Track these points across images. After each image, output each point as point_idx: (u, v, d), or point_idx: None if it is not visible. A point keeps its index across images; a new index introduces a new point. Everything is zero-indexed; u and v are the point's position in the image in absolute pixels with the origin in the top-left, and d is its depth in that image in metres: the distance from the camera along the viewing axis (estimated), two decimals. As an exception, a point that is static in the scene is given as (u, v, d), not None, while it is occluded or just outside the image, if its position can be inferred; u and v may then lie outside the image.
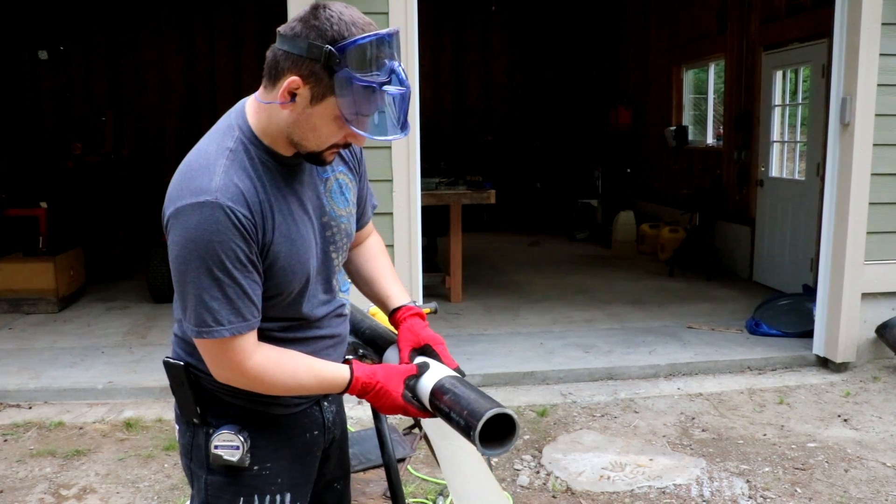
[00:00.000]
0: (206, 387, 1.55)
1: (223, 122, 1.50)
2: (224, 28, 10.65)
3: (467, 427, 1.40)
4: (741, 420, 4.19)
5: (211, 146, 1.43)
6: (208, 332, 1.39)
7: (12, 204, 6.99)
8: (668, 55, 9.46)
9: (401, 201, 4.46)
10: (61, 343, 5.39)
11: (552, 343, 5.34)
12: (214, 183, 1.36)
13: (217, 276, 1.36)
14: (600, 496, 3.35)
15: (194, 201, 1.35)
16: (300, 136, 1.42)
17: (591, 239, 10.12)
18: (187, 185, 1.37)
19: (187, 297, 1.39)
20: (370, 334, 1.79)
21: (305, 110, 1.38)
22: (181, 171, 1.42)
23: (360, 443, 2.82)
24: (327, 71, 1.33)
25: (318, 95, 1.36)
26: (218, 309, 1.37)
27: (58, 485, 3.45)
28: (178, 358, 1.58)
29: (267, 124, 1.44)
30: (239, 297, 1.38)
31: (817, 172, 6.23)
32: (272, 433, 1.59)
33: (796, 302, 5.72)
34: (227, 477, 1.57)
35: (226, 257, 1.35)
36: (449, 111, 11.51)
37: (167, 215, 1.40)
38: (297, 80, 1.35)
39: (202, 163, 1.40)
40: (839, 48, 4.75)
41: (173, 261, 1.38)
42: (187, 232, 1.35)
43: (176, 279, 1.40)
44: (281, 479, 1.61)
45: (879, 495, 3.35)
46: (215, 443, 1.53)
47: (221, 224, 1.34)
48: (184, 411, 1.60)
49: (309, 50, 1.33)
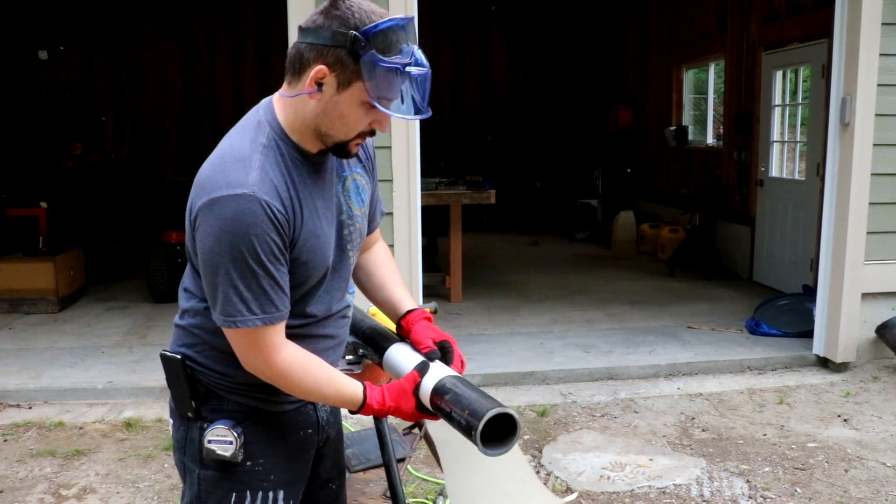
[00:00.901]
0: (202, 381, 1.57)
1: (251, 117, 1.51)
2: (224, 28, 10.65)
3: (468, 427, 1.40)
4: (741, 420, 4.19)
5: (244, 141, 1.45)
6: (242, 321, 1.41)
7: (12, 204, 6.99)
8: (668, 55, 9.46)
9: (401, 201, 4.46)
10: (61, 343, 5.39)
11: (552, 343, 5.34)
12: (251, 177, 1.38)
13: (252, 266, 1.38)
14: (600, 496, 3.35)
15: (231, 193, 1.36)
16: (328, 125, 1.45)
17: (591, 239, 10.12)
18: (223, 178, 1.39)
19: (219, 286, 1.40)
20: (370, 334, 1.79)
21: (332, 98, 1.41)
22: (214, 163, 1.43)
23: (360, 443, 2.82)
24: (352, 56, 1.37)
25: (345, 82, 1.39)
26: (251, 299, 1.40)
27: (58, 485, 3.45)
28: (175, 351, 1.59)
29: (294, 118, 1.46)
30: (272, 287, 1.41)
31: (817, 172, 6.23)
32: (266, 430, 1.60)
33: (796, 302, 5.72)
34: (220, 472, 1.58)
35: (261, 249, 1.38)
36: (449, 111, 11.51)
37: (198, 205, 1.40)
38: (323, 68, 1.38)
39: (237, 156, 1.42)
40: (839, 48, 4.75)
41: (206, 250, 1.39)
42: (223, 223, 1.36)
43: (207, 268, 1.41)
44: (274, 475, 1.61)
45: (879, 495, 3.35)
46: (209, 437, 1.54)
47: (258, 217, 1.37)
48: (179, 405, 1.61)
49: (333, 38, 1.37)
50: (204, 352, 1.56)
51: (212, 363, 1.56)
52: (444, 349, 1.65)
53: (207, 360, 1.56)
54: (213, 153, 1.48)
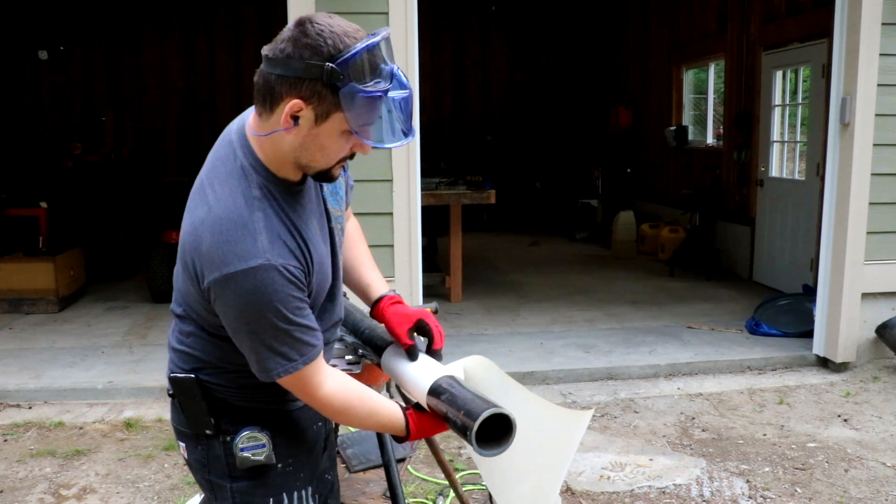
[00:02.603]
0: (218, 396, 1.55)
1: (231, 160, 1.43)
2: (224, 28, 10.65)
3: (464, 427, 1.40)
4: (741, 420, 4.19)
5: (237, 199, 1.38)
6: (283, 371, 1.42)
7: (12, 204, 6.99)
8: (668, 55, 9.46)
9: (401, 201, 4.46)
10: (61, 343, 5.39)
11: (552, 343, 5.34)
12: (260, 244, 1.34)
13: (282, 328, 1.38)
14: (600, 496, 3.35)
15: (246, 267, 1.33)
16: (308, 158, 1.39)
17: (591, 239, 10.12)
18: (231, 249, 1.34)
19: (255, 351, 1.40)
20: (370, 334, 1.79)
21: (311, 131, 1.35)
22: (214, 230, 1.36)
23: (360, 443, 2.83)
24: (330, 88, 1.30)
25: (323, 114, 1.33)
26: (288, 352, 1.40)
27: (58, 485, 3.45)
28: (185, 371, 1.56)
29: (273, 154, 1.41)
30: (304, 333, 1.41)
31: (817, 172, 6.23)
32: (288, 429, 1.60)
33: (796, 302, 5.72)
34: (254, 479, 1.57)
35: (287, 310, 1.37)
36: (449, 111, 11.51)
37: (211, 279, 1.36)
38: (298, 102, 1.31)
39: (237, 221, 1.35)
40: (839, 48, 4.75)
41: (231, 322, 1.39)
42: (244, 297, 1.34)
43: (238, 339, 1.41)
44: (303, 473, 1.63)
45: (879, 495, 3.35)
46: (241, 445, 1.53)
47: (278, 284, 1.35)
48: (194, 425, 1.58)
49: (307, 70, 1.29)
50: (216, 373, 1.55)
51: (225, 381, 1.55)
52: (423, 329, 1.66)
53: (220, 379, 1.55)
54: (202, 212, 1.39)
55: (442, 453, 2.49)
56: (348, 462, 2.72)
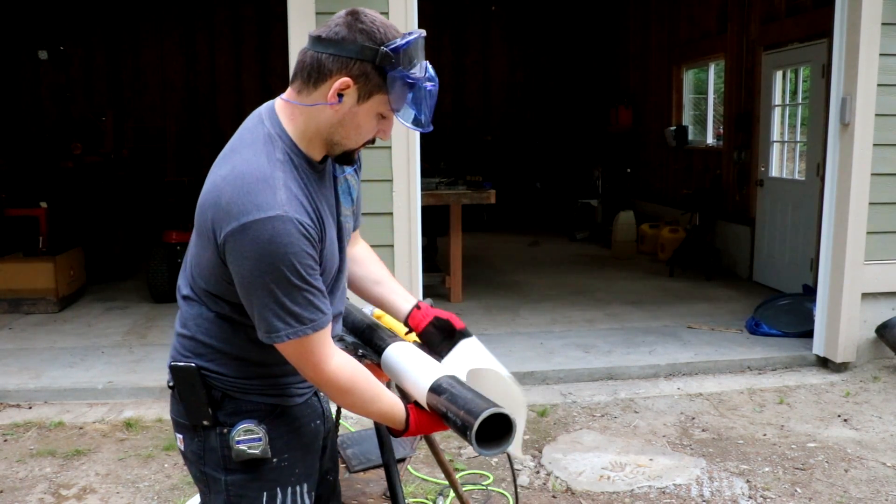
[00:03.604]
0: (217, 386, 1.57)
1: (258, 129, 1.50)
2: (224, 28, 10.65)
3: (464, 426, 1.41)
4: (741, 420, 4.19)
5: (260, 157, 1.44)
6: (292, 333, 1.43)
7: (12, 204, 6.99)
8: (668, 55, 9.46)
9: (401, 201, 4.46)
10: (61, 343, 5.38)
11: (552, 343, 5.34)
12: (279, 197, 1.40)
13: (295, 283, 1.40)
14: (600, 496, 3.35)
15: (264, 216, 1.37)
16: (343, 134, 1.49)
17: (591, 239, 10.12)
18: (250, 200, 1.38)
19: (266, 307, 1.42)
20: (369, 334, 1.79)
21: (352, 109, 1.45)
22: (235, 184, 1.41)
23: (360, 443, 2.83)
24: (378, 70, 1.42)
25: (366, 94, 1.44)
26: (300, 312, 1.42)
27: (58, 485, 3.45)
28: (187, 360, 1.58)
29: (305, 128, 1.49)
30: (315, 297, 1.44)
31: (817, 172, 6.23)
32: (285, 424, 1.61)
33: (796, 302, 5.72)
34: (249, 473, 1.58)
35: (301, 266, 1.40)
36: (449, 111, 11.50)
37: (227, 230, 1.39)
38: (347, 80, 1.42)
39: (258, 175, 1.41)
40: (839, 48, 4.75)
41: (245, 274, 1.40)
42: (260, 246, 1.37)
43: (250, 292, 1.42)
44: (298, 469, 1.64)
45: (879, 495, 3.35)
46: (237, 438, 1.55)
47: (294, 236, 1.39)
48: (192, 415, 1.59)
49: (361, 52, 1.41)
50: (217, 359, 1.56)
51: (226, 370, 1.57)
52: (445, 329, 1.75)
53: (221, 367, 1.56)
54: (225, 170, 1.46)
55: (442, 453, 2.50)
56: (348, 462, 2.72)
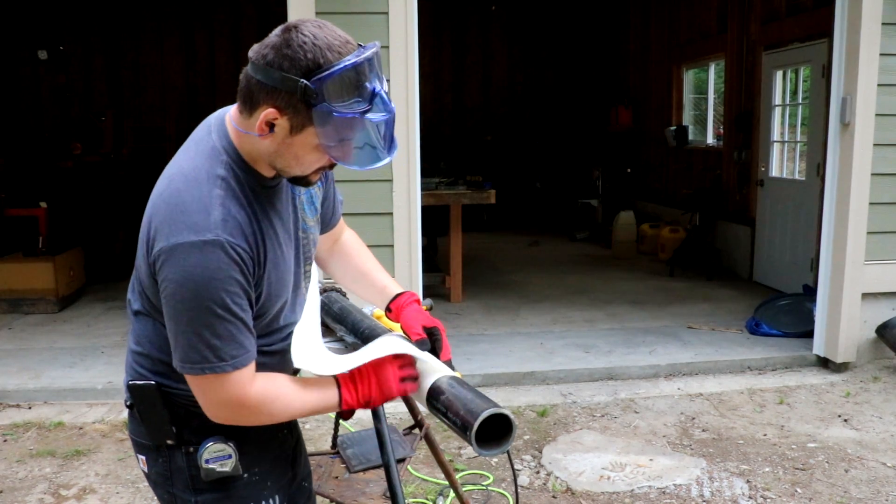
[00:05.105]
0: (180, 403, 1.49)
1: (204, 141, 1.41)
2: (224, 28, 10.65)
3: (464, 427, 1.40)
4: (741, 420, 4.19)
5: (200, 173, 1.35)
6: (210, 368, 1.33)
7: (12, 204, 6.99)
8: (669, 55, 9.45)
9: (401, 201, 4.46)
10: (61, 343, 5.38)
11: (552, 343, 5.34)
12: (213, 218, 1.30)
13: (218, 313, 1.31)
14: (600, 496, 3.35)
15: (194, 239, 1.28)
16: (283, 164, 1.37)
17: (591, 239, 10.12)
18: (182, 220, 1.30)
19: (184, 335, 1.33)
20: (369, 334, 1.78)
21: (285, 140, 1.32)
22: (170, 202, 1.33)
23: (360, 443, 2.82)
24: (305, 103, 1.27)
25: (298, 126, 1.30)
26: (220, 346, 1.32)
27: (57, 485, 3.45)
28: (145, 378, 1.50)
29: (250, 149, 1.38)
30: (239, 330, 1.34)
31: (818, 172, 6.22)
32: (253, 437, 1.54)
33: (796, 302, 5.72)
34: (219, 492, 1.51)
35: (226, 295, 1.31)
36: (449, 111, 11.50)
37: (158, 248, 1.32)
38: (273, 111, 1.29)
39: (195, 194, 1.32)
40: (839, 48, 4.75)
41: (168, 297, 1.32)
42: (185, 271, 1.29)
43: (171, 316, 1.33)
44: (270, 482, 1.58)
45: (880, 495, 3.35)
46: (205, 457, 1.47)
47: (223, 262, 1.30)
48: (155, 435, 1.51)
49: (283, 82, 1.26)
50: (176, 375, 1.45)
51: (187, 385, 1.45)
52: (433, 336, 1.60)
53: (181, 382, 1.45)
54: (162, 186, 1.38)
55: (442, 453, 2.49)
56: (348, 462, 2.72)
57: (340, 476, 2.65)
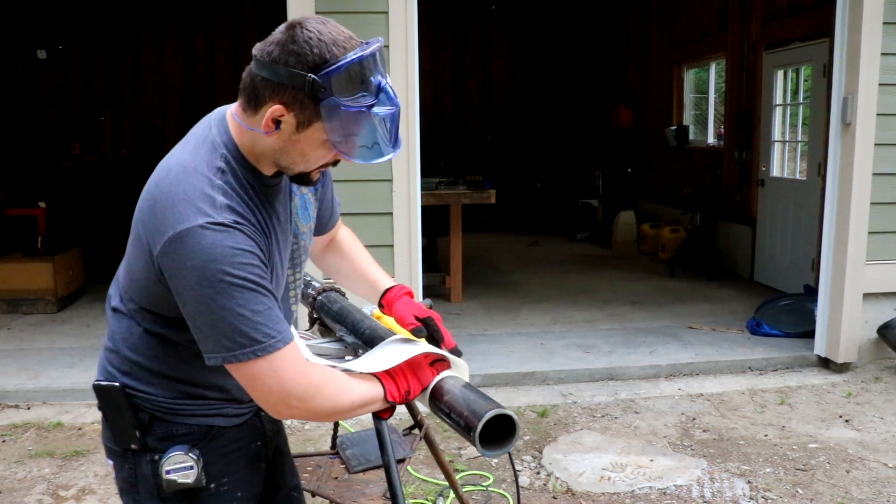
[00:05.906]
0: (145, 407, 1.45)
1: (204, 136, 1.39)
2: (223, 28, 10.64)
3: (467, 427, 1.39)
4: (742, 421, 4.18)
5: (199, 165, 1.32)
6: (262, 349, 1.25)
7: (11, 204, 6.99)
8: (669, 54, 9.45)
9: (401, 201, 4.45)
10: (60, 343, 5.37)
11: (552, 343, 5.32)
12: (219, 202, 1.28)
13: (251, 287, 1.25)
14: (601, 497, 3.33)
15: (203, 221, 1.24)
16: (288, 161, 1.36)
17: (591, 239, 10.11)
18: (186, 207, 1.26)
19: (221, 322, 1.25)
20: (370, 335, 1.77)
21: (292, 137, 1.31)
22: (169, 191, 1.29)
23: (360, 443, 2.81)
24: (312, 98, 1.26)
25: (305, 122, 1.29)
26: (263, 323, 1.26)
27: (56, 485, 3.44)
28: (111, 378, 1.47)
29: (251, 146, 1.36)
30: (275, 305, 1.30)
31: (818, 172, 6.21)
32: (221, 447, 1.50)
33: (797, 302, 5.71)
34: (184, 502, 1.46)
35: (252, 269, 1.26)
36: (449, 111, 11.49)
37: (164, 240, 1.27)
38: (280, 108, 1.28)
39: (197, 183, 1.29)
40: (840, 47, 4.74)
41: (191, 287, 1.25)
42: (204, 253, 1.23)
43: (198, 309, 1.26)
44: (240, 492, 1.54)
45: (881, 496, 3.34)
46: (166, 468, 1.42)
47: (239, 238, 1.26)
48: (120, 439, 1.47)
49: (290, 78, 1.26)
50: (144, 378, 1.45)
51: (154, 389, 1.45)
52: (429, 325, 1.56)
53: (148, 386, 1.44)
54: (162, 172, 1.35)
55: (442, 454, 2.48)
56: (348, 463, 2.71)
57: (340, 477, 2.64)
